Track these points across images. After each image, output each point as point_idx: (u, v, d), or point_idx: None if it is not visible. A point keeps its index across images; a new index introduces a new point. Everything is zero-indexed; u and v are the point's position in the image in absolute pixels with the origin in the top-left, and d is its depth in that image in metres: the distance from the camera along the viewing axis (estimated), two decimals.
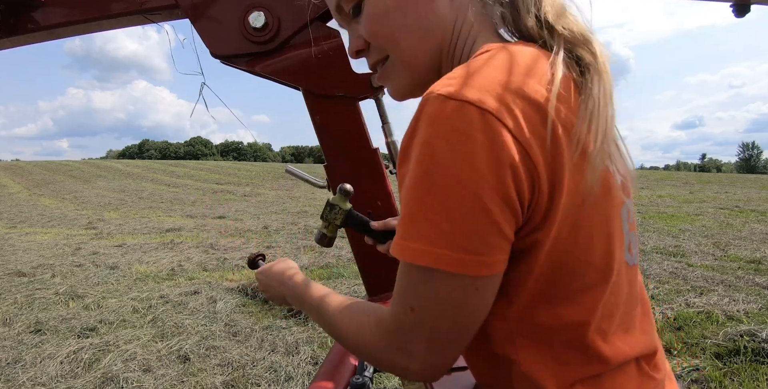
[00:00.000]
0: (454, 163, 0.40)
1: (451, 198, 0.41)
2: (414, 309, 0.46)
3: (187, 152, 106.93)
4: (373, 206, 1.19)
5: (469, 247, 0.42)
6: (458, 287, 0.44)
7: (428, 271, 0.44)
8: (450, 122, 0.41)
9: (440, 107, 0.41)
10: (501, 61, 0.45)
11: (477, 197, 0.40)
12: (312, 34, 1.11)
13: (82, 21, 1.15)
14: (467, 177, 0.40)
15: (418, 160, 0.42)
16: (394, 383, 2.55)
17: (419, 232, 0.43)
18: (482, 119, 0.40)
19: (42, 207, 13.85)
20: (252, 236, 7.70)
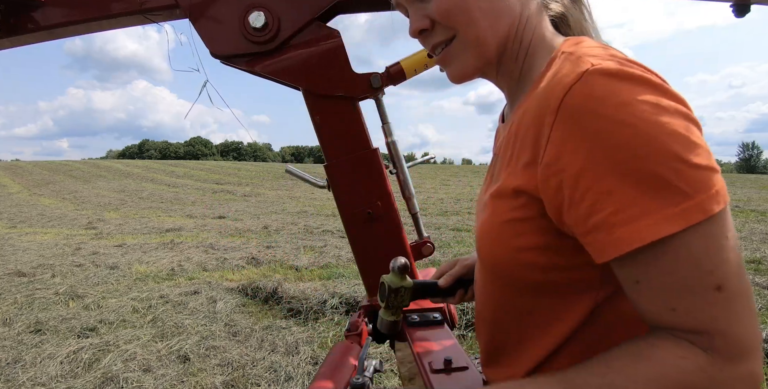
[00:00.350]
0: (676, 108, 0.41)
1: (695, 134, 0.41)
2: (722, 287, 0.40)
3: (187, 152, 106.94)
4: (373, 206, 1.19)
5: (711, 178, 0.40)
6: (726, 220, 0.41)
7: (712, 221, 0.40)
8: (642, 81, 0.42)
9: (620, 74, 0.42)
10: (599, 44, 0.51)
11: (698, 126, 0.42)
12: (312, 34, 1.11)
13: (82, 21, 1.15)
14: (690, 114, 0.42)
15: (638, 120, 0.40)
16: (394, 383, 2.55)
17: (697, 181, 0.39)
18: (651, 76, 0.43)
19: (42, 207, 13.85)
20: (252, 236, 7.71)
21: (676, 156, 0.39)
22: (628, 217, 0.40)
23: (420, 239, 1.31)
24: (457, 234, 7.22)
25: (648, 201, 0.39)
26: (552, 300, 0.54)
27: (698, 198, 0.39)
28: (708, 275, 0.40)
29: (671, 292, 0.41)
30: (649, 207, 0.39)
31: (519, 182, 0.50)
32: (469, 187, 17.98)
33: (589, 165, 0.42)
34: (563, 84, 0.44)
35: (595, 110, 0.41)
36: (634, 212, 0.40)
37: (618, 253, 0.41)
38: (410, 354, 1.03)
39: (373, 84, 1.15)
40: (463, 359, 0.91)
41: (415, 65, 1.18)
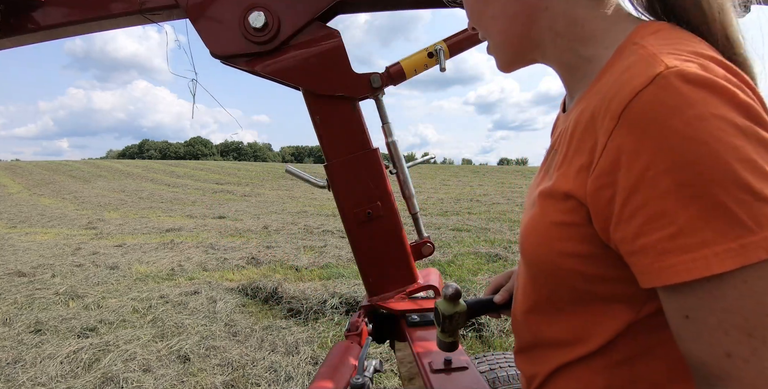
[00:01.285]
0: (751, 128, 0.37)
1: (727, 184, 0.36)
2: (752, 334, 0.36)
3: (187, 152, 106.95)
4: (373, 206, 1.19)
5: (764, 221, 0.35)
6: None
7: (758, 270, 0.35)
8: (720, 91, 0.37)
9: (698, 82, 0.37)
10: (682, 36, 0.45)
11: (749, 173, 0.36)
12: (312, 34, 1.11)
13: (82, 21, 1.15)
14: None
15: (709, 138, 0.36)
16: (394, 383, 2.55)
17: (720, 231, 0.35)
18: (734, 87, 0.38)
19: (42, 207, 13.85)
20: (252, 236, 7.71)
21: (745, 185, 0.35)
22: (681, 245, 0.37)
23: (420, 239, 1.31)
24: (457, 234, 7.22)
25: (707, 231, 0.36)
26: (588, 308, 0.52)
27: (762, 234, 0.35)
28: (753, 324, 0.36)
29: (728, 333, 0.37)
30: (707, 237, 0.36)
31: (570, 186, 0.47)
32: (469, 187, 17.98)
33: (646, 181, 0.38)
34: (631, 87, 0.39)
35: (663, 120, 0.37)
36: (688, 240, 0.36)
37: (664, 283, 0.38)
38: (410, 354, 1.03)
39: (373, 84, 1.15)
40: (463, 359, 0.91)
41: (415, 65, 1.18)
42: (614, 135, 0.40)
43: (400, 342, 1.27)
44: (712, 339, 0.38)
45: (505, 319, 3.34)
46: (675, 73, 0.37)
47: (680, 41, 0.43)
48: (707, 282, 0.37)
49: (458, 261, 5.31)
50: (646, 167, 0.38)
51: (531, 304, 0.60)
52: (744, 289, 0.36)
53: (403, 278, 1.25)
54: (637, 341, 0.50)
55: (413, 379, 1.16)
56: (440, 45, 1.17)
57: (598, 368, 0.53)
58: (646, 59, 0.41)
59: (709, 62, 0.39)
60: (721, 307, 0.37)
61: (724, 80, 0.38)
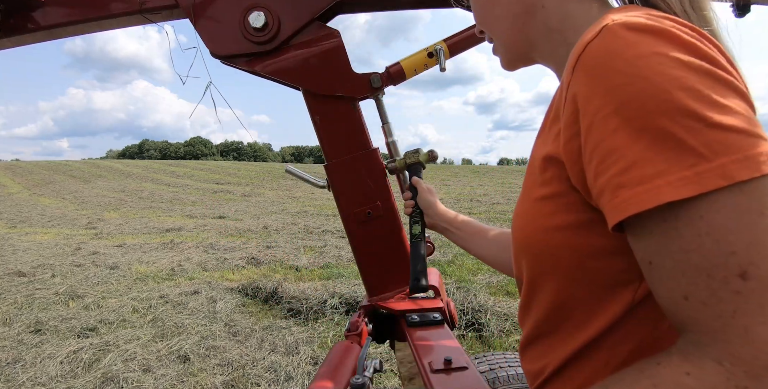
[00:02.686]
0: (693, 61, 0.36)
1: (718, 92, 0.35)
2: (747, 273, 0.33)
3: (187, 152, 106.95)
4: (373, 206, 1.19)
5: (763, 134, 0.35)
6: (755, 200, 0.33)
7: (741, 191, 0.33)
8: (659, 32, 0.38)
9: (638, 27, 0.39)
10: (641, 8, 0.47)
11: (734, 85, 0.36)
12: (312, 34, 1.11)
13: (82, 21, 1.15)
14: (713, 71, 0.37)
15: (649, 74, 0.36)
16: (394, 383, 2.55)
17: (716, 143, 0.34)
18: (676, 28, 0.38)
19: (42, 207, 13.85)
20: (252, 236, 7.71)
21: (690, 112, 0.34)
22: (633, 177, 0.36)
23: None
24: None
25: (658, 161, 0.35)
26: (587, 290, 0.50)
27: (718, 161, 0.33)
28: (730, 257, 0.33)
29: (685, 275, 0.35)
30: (659, 168, 0.34)
31: (548, 150, 0.47)
32: (469, 187, 17.97)
33: (597, 122, 0.38)
34: (583, 42, 0.41)
35: (606, 63, 0.38)
36: (640, 172, 0.35)
37: (620, 217, 0.37)
38: (410, 354, 1.03)
39: (373, 84, 1.15)
40: (463, 359, 0.91)
41: (415, 65, 1.18)
42: (570, 86, 0.42)
43: (400, 342, 1.27)
44: (671, 283, 0.36)
45: (505, 319, 3.35)
46: (618, 24, 0.39)
47: (639, 9, 0.45)
48: (663, 221, 0.35)
49: (458, 261, 5.31)
50: (597, 109, 0.38)
51: (529, 295, 0.59)
52: (701, 225, 0.34)
53: (403, 279, 1.25)
54: (641, 321, 0.48)
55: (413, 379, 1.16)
56: (440, 45, 1.17)
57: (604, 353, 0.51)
58: (600, 21, 0.43)
59: (660, 18, 0.40)
60: (679, 247, 0.35)
61: (672, 27, 0.38)
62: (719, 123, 0.34)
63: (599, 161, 0.38)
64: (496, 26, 0.62)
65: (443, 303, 1.21)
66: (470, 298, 3.69)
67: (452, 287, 4.02)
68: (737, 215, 0.33)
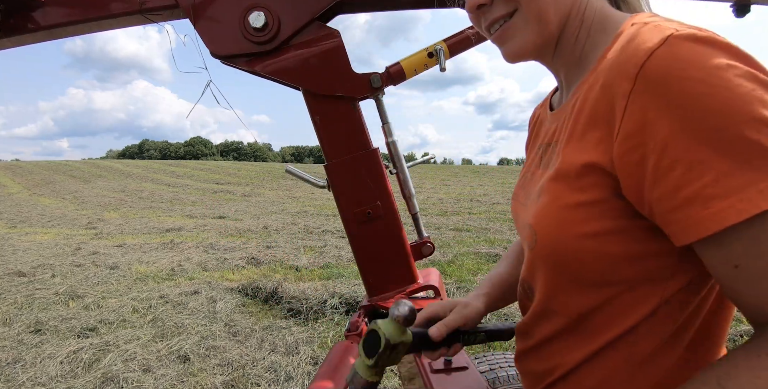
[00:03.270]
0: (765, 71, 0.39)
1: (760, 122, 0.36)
2: None
3: (187, 152, 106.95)
4: (373, 206, 1.19)
5: None
6: None
7: None
8: (725, 46, 0.40)
9: (706, 40, 0.40)
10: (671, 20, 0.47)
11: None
12: (312, 34, 1.11)
13: (82, 21, 1.15)
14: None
15: (725, 87, 0.37)
16: (394, 383, 2.55)
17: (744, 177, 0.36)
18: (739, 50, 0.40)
19: (42, 207, 13.85)
20: (252, 236, 7.70)
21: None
22: (727, 188, 0.36)
23: (420, 239, 1.31)
24: (457, 234, 7.22)
25: (747, 171, 0.36)
26: (613, 295, 0.50)
27: None
28: None
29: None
30: (750, 177, 0.35)
31: (590, 157, 0.46)
32: (469, 187, 17.97)
33: (677, 133, 0.38)
34: (644, 49, 0.40)
35: (682, 74, 0.38)
36: (732, 183, 0.36)
37: (718, 228, 0.37)
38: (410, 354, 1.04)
39: (373, 84, 1.15)
40: (463, 359, 0.91)
41: (415, 65, 1.18)
42: (633, 97, 0.41)
43: None
44: (762, 282, 0.37)
45: (505, 319, 3.34)
46: (684, 35, 0.39)
47: (674, 21, 0.45)
48: (751, 226, 0.36)
49: (458, 261, 5.31)
50: (675, 120, 0.38)
51: (548, 301, 0.58)
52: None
53: (403, 278, 1.25)
54: (663, 320, 0.49)
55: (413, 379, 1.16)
56: (440, 45, 1.17)
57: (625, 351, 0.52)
58: (652, 29, 0.43)
59: (710, 32, 0.41)
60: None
61: (727, 41, 0.40)
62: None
63: (683, 171, 0.38)
64: (538, 4, 0.55)
65: None
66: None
67: (452, 288, 4.02)
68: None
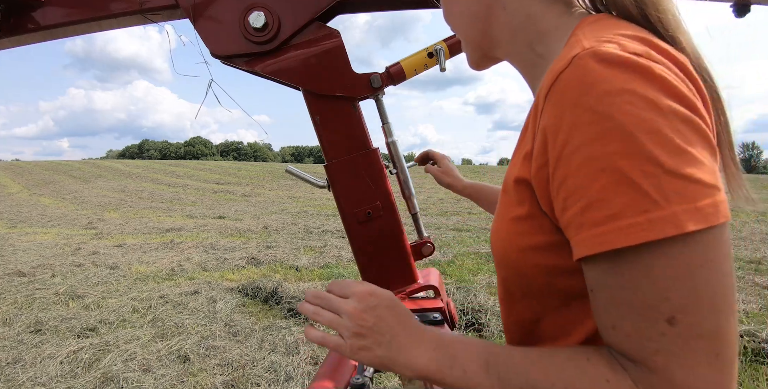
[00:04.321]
0: (664, 101, 0.36)
1: (684, 138, 0.35)
2: (675, 319, 0.34)
3: (187, 152, 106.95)
4: (373, 206, 1.19)
5: (719, 185, 0.35)
6: (719, 246, 0.35)
7: (685, 242, 0.34)
8: (633, 67, 0.37)
9: (611, 59, 0.37)
10: (615, 24, 0.45)
11: (702, 130, 0.36)
12: (312, 34, 1.11)
13: (82, 21, 1.15)
14: (683, 113, 0.36)
15: (617, 113, 0.35)
16: (393, 383, 2.55)
17: (670, 191, 0.34)
18: (653, 62, 0.38)
19: (42, 207, 13.85)
20: (252, 236, 7.71)
21: (651, 157, 0.34)
22: (591, 219, 0.37)
23: (420, 239, 1.31)
24: (457, 234, 7.22)
25: (615, 204, 0.35)
26: (559, 307, 0.50)
27: (670, 209, 0.34)
28: (662, 302, 0.34)
29: (617, 308, 0.37)
30: (614, 210, 0.35)
31: (517, 172, 0.47)
32: None
33: (564, 157, 0.38)
34: (554, 71, 0.40)
35: (576, 97, 0.37)
36: (597, 214, 0.36)
37: (577, 256, 0.39)
38: None
39: (373, 84, 1.15)
40: None
41: (415, 65, 1.18)
42: (542, 116, 0.41)
43: None
44: (605, 312, 0.39)
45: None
46: (589, 53, 0.38)
47: (612, 27, 0.44)
48: (608, 260, 0.36)
49: (458, 261, 5.31)
50: (564, 143, 0.38)
51: (506, 313, 0.59)
52: (641, 269, 0.35)
53: (403, 279, 1.25)
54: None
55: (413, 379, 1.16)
56: (440, 45, 1.17)
57: None
58: (571, 45, 0.43)
59: (631, 41, 0.39)
60: (616, 283, 0.37)
61: (645, 56, 0.37)
62: (677, 171, 0.34)
63: (565, 196, 0.39)
64: (458, 24, 0.62)
65: (443, 303, 1.21)
66: (470, 298, 3.69)
67: (452, 288, 4.03)
68: (678, 265, 0.34)
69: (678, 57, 0.40)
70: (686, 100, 0.37)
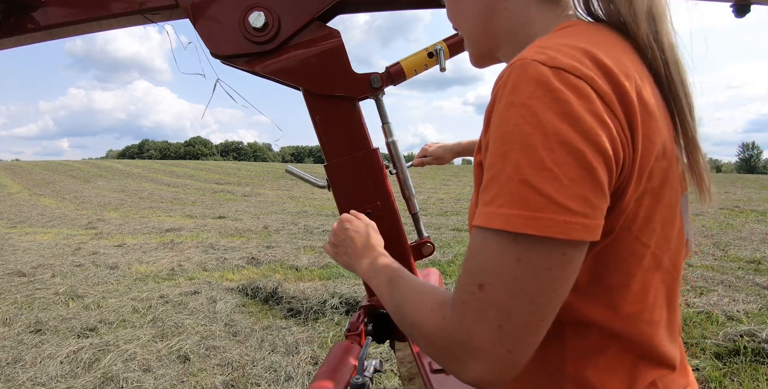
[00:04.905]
0: (551, 121, 0.40)
1: (554, 157, 0.40)
2: (483, 286, 0.43)
3: (187, 152, 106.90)
4: (373, 206, 1.19)
5: (574, 207, 0.40)
6: (549, 256, 0.41)
7: (515, 239, 0.41)
8: (542, 84, 0.41)
9: (529, 72, 0.42)
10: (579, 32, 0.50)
11: (581, 155, 0.40)
12: (312, 34, 1.11)
13: (81, 21, 1.15)
14: (567, 135, 0.40)
15: (511, 122, 0.42)
16: (394, 383, 2.55)
17: (517, 197, 0.41)
18: (570, 81, 0.41)
19: (42, 207, 13.85)
20: (252, 236, 7.71)
21: (516, 166, 0.41)
22: (481, 199, 0.45)
23: (420, 239, 1.31)
24: (457, 234, 7.22)
25: (487, 194, 0.44)
26: None
27: (513, 211, 0.41)
28: (481, 272, 0.43)
29: (463, 265, 0.47)
30: (486, 199, 0.44)
31: (478, 158, 0.53)
32: (469, 187, 17.96)
33: (484, 148, 0.47)
34: (500, 75, 0.47)
35: (499, 100, 0.44)
36: (483, 197, 0.44)
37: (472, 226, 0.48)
38: (410, 354, 1.04)
39: (373, 84, 1.15)
40: None
41: (415, 65, 1.18)
42: (488, 109, 0.49)
43: (400, 342, 1.27)
44: (466, 274, 0.46)
45: None
46: (519, 64, 0.44)
47: (571, 35, 0.48)
48: (475, 230, 0.45)
49: (458, 261, 5.31)
50: (486, 138, 0.47)
51: None
52: (480, 244, 0.44)
53: None
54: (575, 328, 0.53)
55: (413, 379, 1.16)
56: (440, 45, 1.17)
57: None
58: (531, 46, 0.48)
59: (569, 53, 0.43)
60: (470, 247, 0.46)
61: (568, 71, 0.41)
62: (531, 182, 0.40)
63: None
64: (463, 23, 0.65)
65: None
66: None
67: (452, 287, 4.03)
68: (502, 252, 0.42)
69: (615, 75, 0.44)
70: (582, 125, 0.40)
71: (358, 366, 0.91)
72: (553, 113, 0.40)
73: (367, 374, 0.89)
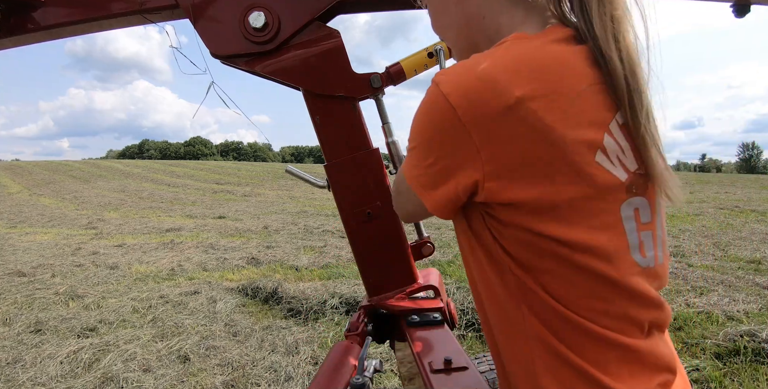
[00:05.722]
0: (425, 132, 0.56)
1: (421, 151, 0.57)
2: (399, 192, 0.68)
3: (187, 152, 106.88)
4: (373, 206, 1.19)
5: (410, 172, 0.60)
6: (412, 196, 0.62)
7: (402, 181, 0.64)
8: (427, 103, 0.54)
9: (429, 91, 0.54)
10: (504, 51, 0.53)
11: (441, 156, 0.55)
12: (312, 34, 1.11)
13: (81, 21, 1.15)
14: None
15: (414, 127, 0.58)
16: (394, 383, 2.55)
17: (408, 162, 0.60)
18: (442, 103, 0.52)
19: (42, 207, 13.85)
20: (252, 236, 7.71)
21: (408, 152, 0.60)
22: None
23: (420, 239, 1.31)
24: None
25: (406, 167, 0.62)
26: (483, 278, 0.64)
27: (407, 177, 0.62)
28: (401, 183, 0.65)
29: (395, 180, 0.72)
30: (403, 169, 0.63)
31: None
32: None
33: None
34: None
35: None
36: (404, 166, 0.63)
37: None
38: (410, 354, 1.04)
39: (373, 84, 1.15)
40: (463, 359, 0.91)
41: (415, 65, 1.18)
42: None
43: (400, 342, 1.27)
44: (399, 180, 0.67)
45: None
46: (435, 79, 0.53)
47: (500, 49, 0.54)
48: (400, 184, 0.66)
49: (458, 261, 5.30)
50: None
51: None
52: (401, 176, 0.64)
53: (403, 279, 1.25)
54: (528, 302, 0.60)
55: (413, 379, 1.16)
56: (440, 45, 1.17)
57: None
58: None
59: (476, 66, 0.51)
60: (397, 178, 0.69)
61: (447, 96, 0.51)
62: (408, 163, 0.60)
63: None
64: (446, 34, 0.69)
65: (443, 303, 1.21)
66: (470, 298, 3.68)
67: (452, 288, 4.02)
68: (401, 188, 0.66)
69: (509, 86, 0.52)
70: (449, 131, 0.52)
71: (358, 366, 0.91)
72: (429, 119, 0.56)
73: (367, 374, 0.89)
